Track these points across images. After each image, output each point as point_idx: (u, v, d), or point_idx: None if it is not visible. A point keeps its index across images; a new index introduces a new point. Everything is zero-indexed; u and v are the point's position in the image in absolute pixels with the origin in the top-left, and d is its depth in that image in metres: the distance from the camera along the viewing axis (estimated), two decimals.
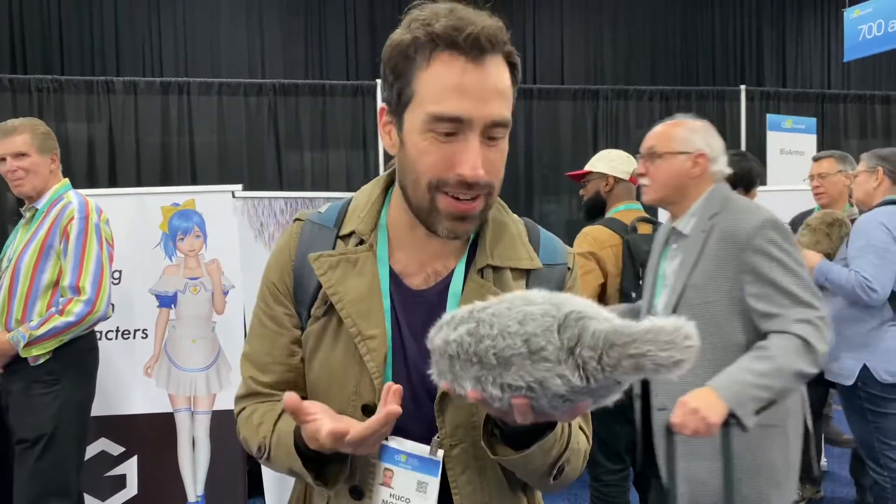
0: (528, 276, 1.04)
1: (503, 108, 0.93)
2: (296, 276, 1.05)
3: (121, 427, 3.24)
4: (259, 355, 1.07)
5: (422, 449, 1.00)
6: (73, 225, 2.59)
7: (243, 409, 1.08)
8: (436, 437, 0.99)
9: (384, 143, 1.02)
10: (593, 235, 2.72)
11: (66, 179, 2.79)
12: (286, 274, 1.06)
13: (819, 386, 3.46)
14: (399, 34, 0.94)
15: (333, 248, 1.04)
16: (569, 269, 1.09)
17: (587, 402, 0.78)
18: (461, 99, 0.89)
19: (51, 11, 7.21)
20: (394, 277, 1.03)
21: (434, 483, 0.99)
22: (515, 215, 1.10)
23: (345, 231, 1.05)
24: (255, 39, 7.84)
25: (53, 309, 2.56)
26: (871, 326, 2.74)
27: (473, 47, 0.89)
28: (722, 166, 2.06)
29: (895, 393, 2.72)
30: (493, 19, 0.93)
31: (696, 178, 2.02)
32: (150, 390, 3.28)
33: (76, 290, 2.57)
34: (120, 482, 3.24)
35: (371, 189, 1.08)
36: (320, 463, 0.98)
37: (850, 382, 2.78)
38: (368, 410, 0.98)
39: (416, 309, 1.01)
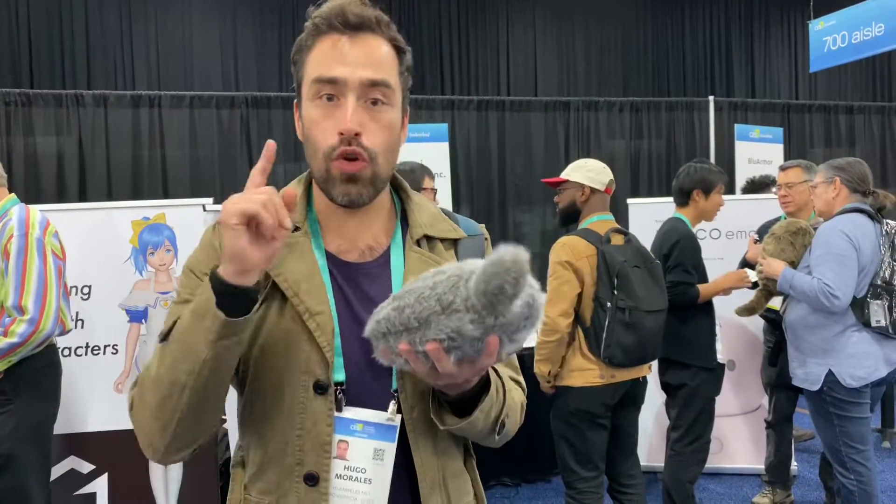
0: (455, 246, 1.15)
1: (379, 72, 1.01)
2: None
3: (90, 444, 3.19)
4: None
5: (378, 416, 1.02)
6: (13, 242, 2.51)
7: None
8: (392, 403, 1.02)
9: (298, 132, 1.10)
10: (571, 246, 2.74)
11: (13, 195, 2.69)
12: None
13: (788, 390, 3.52)
14: None
15: None
16: (485, 238, 1.21)
17: (496, 336, 0.87)
18: (335, 63, 1.00)
19: (20, 23, 7.14)
20: (331, 257, 1.08)
21: (391, 449, 1.01)
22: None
23: None
24: (228, 52, 7.82)
25: None
26: (834, 332, 2.79)
27: (344, 24, 1.01)
28: None
29: (859, 397, 2.77)
30: (372, 9, 1.04)
31: None
32: (120, 407, 3.23)
33: (19, 309, 2.48)
34: (90, 500, 3.19)
35: (297, 183, 1.14)
36: (231, 297, 0.90)
37: (816, 388, 2.83)
38: (321, 388, 1.00)
39: (361, 281, 1.07)
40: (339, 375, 1.02)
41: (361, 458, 1.01)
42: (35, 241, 2.54)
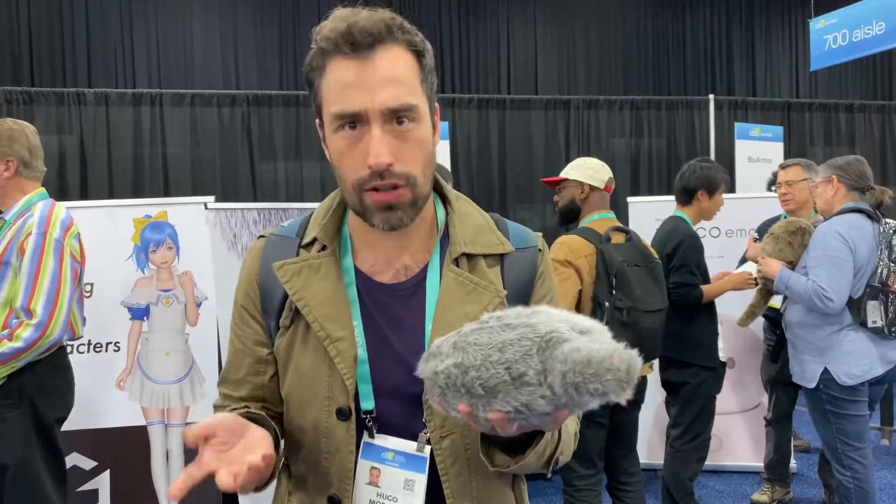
0: (502, 262, 1.06)
1: (399, 94, 0.93)
2: (262, 290, 1.07)
3: (93, 441, 3.21)
4: (232, 371, 1.10)
5: (408, 446, 1.01)
6: (30, 241, 2.37)
7: None
8: (422, 433, 1.01)
9: (326, 154, 1.03)
10: (569, 245, 2.73)
11: (42, 189, 2.58)
12: (253, 291, 1.08)
13: (789, 387, 3.54)
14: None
15: (296, 257, 1.05)
16: (539, 250, 1.11)
17: (567, 411, 0.81)
18: (351, 94, 0.92)
19: (20, 22, 7.15)
20: (362, 277, 1.04)
21: (421, 480, 1.00)
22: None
23: (307, 240, 1.06)
24: (228, 50, 7.83)
25: (6, 332, 2.34)
26: (830, 331, 2.80)
27: (352, 46, 0.92)
28: None
29: (855, 395, 2.78)
30: (379, 12, 0.95)
31: None
32: (122, 403, 3.26)
33: (27, 312, 2.33)
34: (92, 497, 3.20)
35: (331, 198, 1.09)
36: None
37: (812, 385, 2.84)
38: (343, 414, 1.00)
39: (393, 304, 1.02)
40: (369, 403, 1.01)
41: (393, 487, 1.00)
42: (53, 241, 2.41)
